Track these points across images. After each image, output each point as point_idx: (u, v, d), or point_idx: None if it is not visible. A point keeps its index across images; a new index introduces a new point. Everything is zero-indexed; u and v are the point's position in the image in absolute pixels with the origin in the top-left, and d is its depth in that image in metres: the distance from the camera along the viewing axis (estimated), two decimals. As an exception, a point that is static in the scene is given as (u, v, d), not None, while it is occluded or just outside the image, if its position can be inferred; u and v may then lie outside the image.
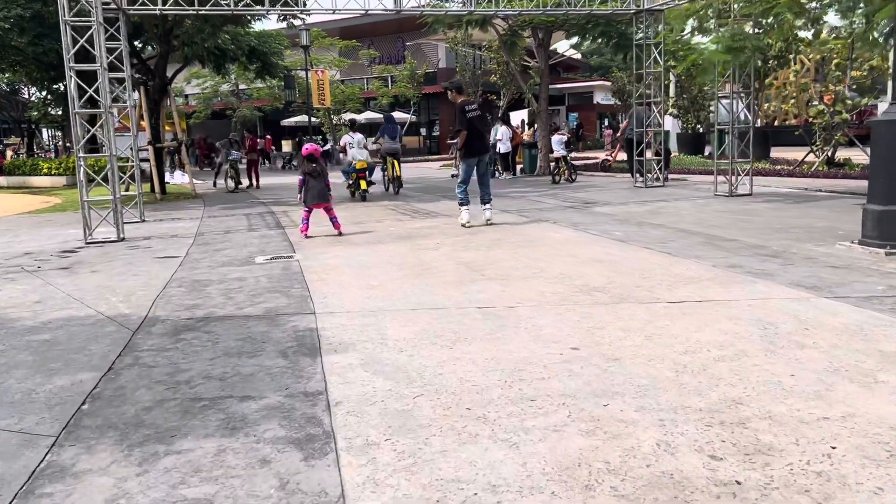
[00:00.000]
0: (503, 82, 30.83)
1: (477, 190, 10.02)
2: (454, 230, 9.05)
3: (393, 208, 12.31)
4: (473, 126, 9.39)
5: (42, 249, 8.82)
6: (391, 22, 44.30)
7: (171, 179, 23.10)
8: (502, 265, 6.45)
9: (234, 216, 12.13)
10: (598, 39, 20.04)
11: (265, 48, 26.15)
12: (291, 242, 8.57)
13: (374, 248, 7.88)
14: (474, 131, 9.44)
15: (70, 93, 8.87)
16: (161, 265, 7.33)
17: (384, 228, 9.54)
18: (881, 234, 6.31)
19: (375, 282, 5.95)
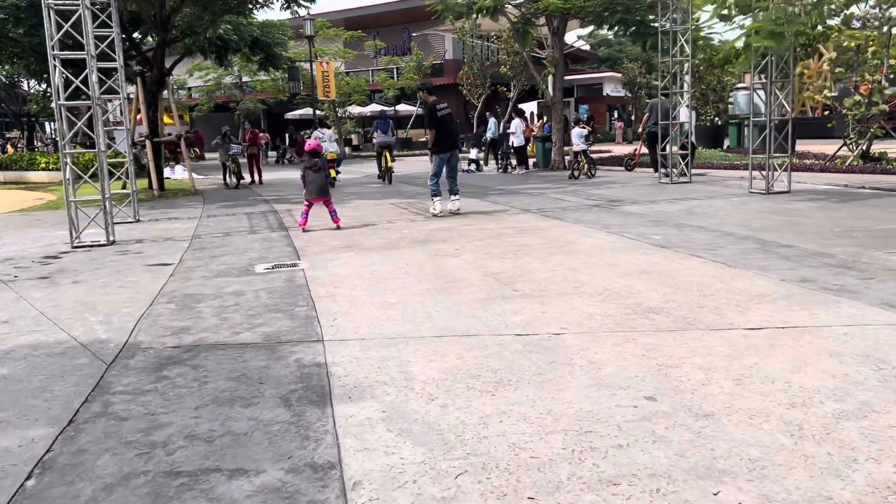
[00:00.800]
0: (513, 73, 29.98)
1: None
2: (474, 233, 8.27)
3: (405, 207, 11.53)
4: (444, 124, 10.00)
5: (24, 254, 8.07)
6: (397, 12, 43.56)
7: (171, 175, 22.38)
8: (535, 277, 5.67)
9: (235, 216, 11.37)
10: (615, 27, 19.18)
11: (268, 39, 25.40)
12: (296, 248, 7.80)
13: (387, 254, 7.11)
14: (445, 129, 10.05)
15: (54, 83, 8.11)
16: (151, 275, 6.57)
17: (397, 230, 8.77)
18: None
19: (393, 298, 5.18)
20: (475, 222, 9.18)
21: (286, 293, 5.51)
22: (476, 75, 35.01)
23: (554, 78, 19.50)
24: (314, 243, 8.05)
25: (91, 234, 8.75)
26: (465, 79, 35.26)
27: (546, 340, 3.98)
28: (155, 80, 15.53)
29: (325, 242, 8.05)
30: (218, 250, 7.86)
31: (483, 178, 17.72)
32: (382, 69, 41.96)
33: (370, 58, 44.13)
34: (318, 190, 9.29)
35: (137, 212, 11.23)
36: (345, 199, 13.32)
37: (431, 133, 10.11)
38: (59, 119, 8.14)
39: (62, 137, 8.26)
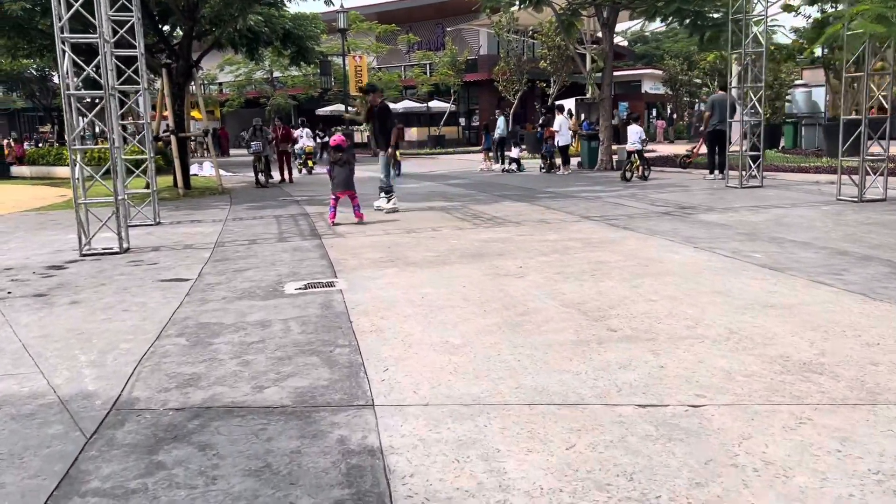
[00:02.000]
0: (553, 69, 28.74)
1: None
2: (534, 245, 7.18)
3: (449, 211, 10.45)
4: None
5: (26, 263, 7.16)
6: (430, 6, 42.48)
7: (199, 172, 21.61)
8: (630, 309, 4.56)
9: (263, 219, 10.40)
10: (669, 18, 17.92)
11: (301, 32, 24.48)
12: (331, 261, 6.77)
13: (438, 271, 6.04)
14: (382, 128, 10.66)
15: (61, 71, 7.18)
16: (163, 294, 5.58)
17: (444, 240, 7.70)
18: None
19: (455, 336, 4.10)
20: (532, 232, 8.08)
21: (322, 325, 4.47)
22: (513, 71, 33.81)
23: (603, 72, 18.25)
24: (352, 255, 7.02)
25: (104, 239, 7.83)
26: (501, 75, 34.09)
27: (684, 418, 2.87)
28: (181, 72, 14.65)
29: (364, 255, 7.01)
30: (243, 262, 6.86)
31: (526, 179, 16.59)
32: (415, 64, 40.96)
33: (402, 53, 43.17)
34: (344, 183, 9.52)
35: (158, 213, 10.32)
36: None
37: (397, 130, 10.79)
38: (66, 111, 7.21)
39: (70, 131, 7.32)
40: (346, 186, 9.54)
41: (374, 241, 7.82)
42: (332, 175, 9.55)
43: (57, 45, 7.16)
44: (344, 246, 7.60)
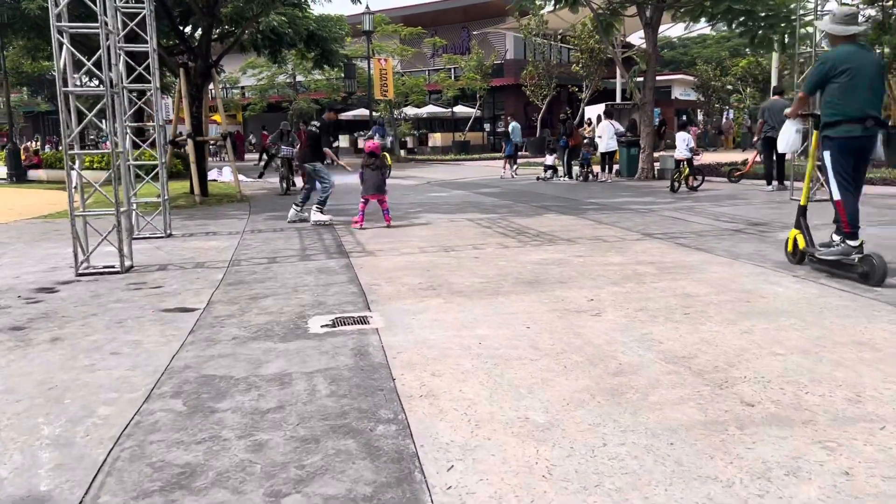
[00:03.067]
0: (586, 72, 27.66)
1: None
2: (597, 269, 6.14)
3: (488, 225, 9.43)
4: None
5: (14, 284, 6.25)
6: (455, 10, 41.59)
7: (218, 177, 20.82)
8: (757, 368, 3.50)
9: (284, 232, 9.45)
10: (715, 18, 16.80)
11: (325, 33, 23.67)
12: (362, 286, 5.77)
13: (491, 304, 5.02)
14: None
15: (58, 65, 6.27)
16: (163, 330, 4.62)
17: (490, 261, 6.68)
18: None
19: (537, 410, 3.08)
20: (591, 252, 7.04)
21: (358, 385, 3.46)
22: (541, 75, 32.79)
23: (645, 75, 17.16)
24: (385, 279, 6.02)
25: (107, 254, 6.92)
26: (529, 79, 33.10)
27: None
28: (200, 72, 13.80)
29: (399, 279, 6.01)
30: (260, 286, 5.89)
31: (562, 188, 15.52)
32: (441, 69, 40.07)
33: (427, 57, 42.31)
34: (375, 187, 9.60)
35: (169, 224, 9.41)
36: (410, 212, 11.33)
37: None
38: (62, 110, 6.30)
39: (67, 133, 6.41)
40: (376, 190, 9.63)
41: (410, 262, 6.82)
42: (364, 178, 9.65)
43: (52, 35, 6.26)
44: (375, 267, 6.61)
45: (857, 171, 5.63)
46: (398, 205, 12.55)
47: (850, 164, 5.55)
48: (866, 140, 5.51)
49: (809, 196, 6.23)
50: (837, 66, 5.45)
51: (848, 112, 5.44)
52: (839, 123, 5.49)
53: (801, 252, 6.07)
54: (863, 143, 5.52)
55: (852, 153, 5.54)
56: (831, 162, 5.56)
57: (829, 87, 5.53)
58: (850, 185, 5.57)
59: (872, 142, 5.55)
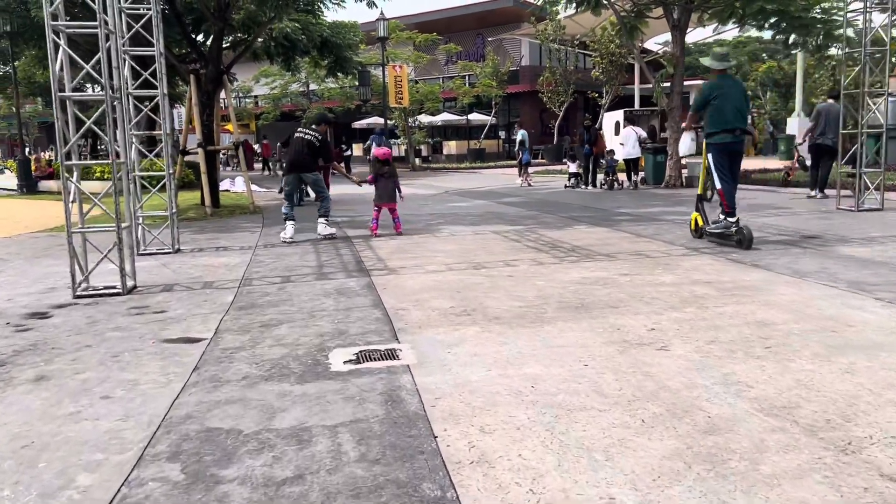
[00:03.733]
0: (606, 78, 26.99)
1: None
2: (648, 290, 5.50)
3: (516, 238, 8.80)
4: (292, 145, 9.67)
5: (5, 308, 5.70)
6: (469, 17, 41.08)
7: (231, 187, 20.34)
8: (879, 423, 2.86)
9: (299, 246, 8.87)
10: (746, 19, 16.13)
11: (339, 40, 23.18)
12: (387, 311, 5.16)
13: (537, 333, 4.40)
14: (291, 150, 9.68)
15: (53, 68, 5.72)
16: (163, 367, 4.03)
17: (527, 280, 6.05)
18: None
19: (623, 487, 2.45)
20: (637, 269, 6.40)
21: (393, 446, 2.85)
22: (558, 82, 32.16)
23: (672, 80, 16.51)
24: (412, 302, 5.41)
25: (108, 273, 6.37)
26: (546, 85, 32.47)
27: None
28: (211, 78, 13.29)
29: (428, 302, 5.39)
30: (273, 311, 5.29)
31: (587, 197, 14.87)
32: (455, 76, 39.55)
33: (441, 64, 41.81)
34: (388, 196, 9.55)
35: (178, 238, 8.85)
36: (431, 224, 10.72)
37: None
38: (58, 118, 5.75)
39: (63, 142, 5.86)
40: (389, 199, 9.57)
41: (437, 282, 6.21)
42: (378, 186, 9.52)
43: (48, 35, 5.71)
44: (400, 288, 6.00)
45: (733, 168, 7.68)
46: (417, 216, 11.96)
47: (726, 163, 7.59)
48: (736, 144, 7.54)
49: (706, 187, 8.06)
50: (713, 92, 7.46)
51: (722, 125, 7.41)
52: (716, 133, 7.48)
53: (700, 229, 8.14)
54: (734, 147, 7.57)
55: (727, 154, 7.58)
56: (713, 161, 7.62)
57: (709, 107, 7.51)
58: (728, 177, 7.61)
59: (741, 146, 7.66)
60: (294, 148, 9.44)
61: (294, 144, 9.46)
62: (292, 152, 9.47)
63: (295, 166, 9.41)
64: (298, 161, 9.34)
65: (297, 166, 9.39)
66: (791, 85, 40.11)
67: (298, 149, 9.35)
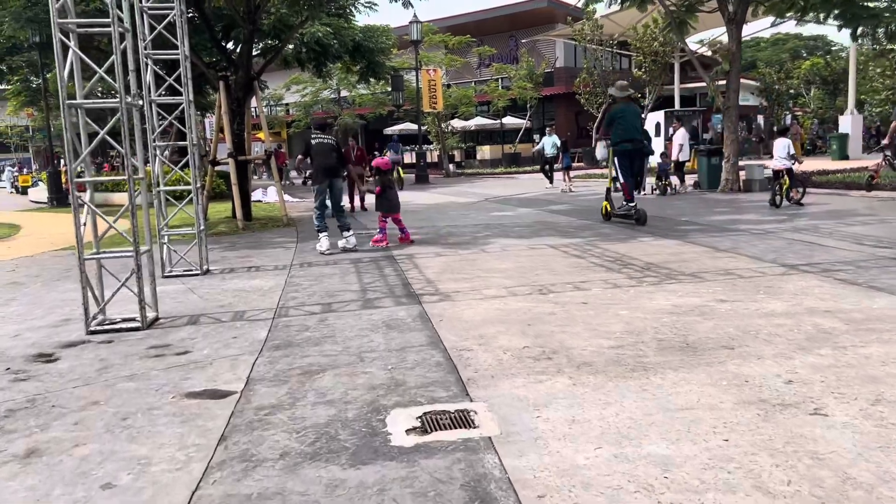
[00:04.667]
0: (649, 77, 25.84)
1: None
2: (758, 321, 4.59)
3: (578, 253, 7.90)
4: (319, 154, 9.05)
5: (9, 347, 4.98)
6: (501, 19, 40.20)
7: (263, 198, 19.74)
8: None
9: (338, 265, 8.08)
10: (809, 12, 15.03)
11: (371, 44, 22.49)
12: (449, 352, 4.32)
13: (644, 387, 3.51)
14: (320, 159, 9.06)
15: (60, 73, 5.01)
16: (181, 437, 3.23)
17: (606, 310, 5.16)
18: None
19: None
20: (732, 293, 5.46)
21: (496, 588, 1.99)
22: (596, 83, 31.10)
23: (728, 77, 15.43)
24: (475, 338, 4.56)
25: (128, 300, 5.64)
26: (584, 87, 31.41)
27: None
28: (241, 85, 12.62)
29: (496, 339, 4.54)
30: (315, 352, 4.48)
31: (643, 204, 13.85)
32: (488, 79, 38.70)
33: (474, 68, 40.98)
34: (397, 206, 9.52)
35: (207, 258, 8.12)
36: (478, 237, 9.86)
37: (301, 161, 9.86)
38: (66, 129, 5.03)
39: (72, 155, 5.13)
40: (395, 209, 9.49)
41: (501, 311, 5.34)
42: (383, 197, 9.35)
43: (54, 34, 5.00)
44: (458, 319, 5.15)
45: (633, 167, 10.30)
46: (461, 227, 11.12)
47: (627, 163, 10.24)
48: (633, 150, 10.21)
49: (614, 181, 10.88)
50: (618, 114, 10.26)
51: (623, 136, 10.19)
52: (620, 143, 10.23)
53: (609, 214, 10.76)
54: (631, 152, 10.23)
55: (627, 157, 10.26)
56: (618, 162, 10.31)
57: (614, 125, 10.26)
58: (628, 174, 10.25)
59: (638, 151, 10.27)
60: (321, 154, 8.95)
61: (320, 150, 8.96)
62: (321, 159, 8.94)
63: (329, 172, 8.97)
64: (330, 166, 8.97)
65: (330, 172, 8.99)
66: (840, 81, 38.51)
67: (327, 153, 8.95)
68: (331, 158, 8.97)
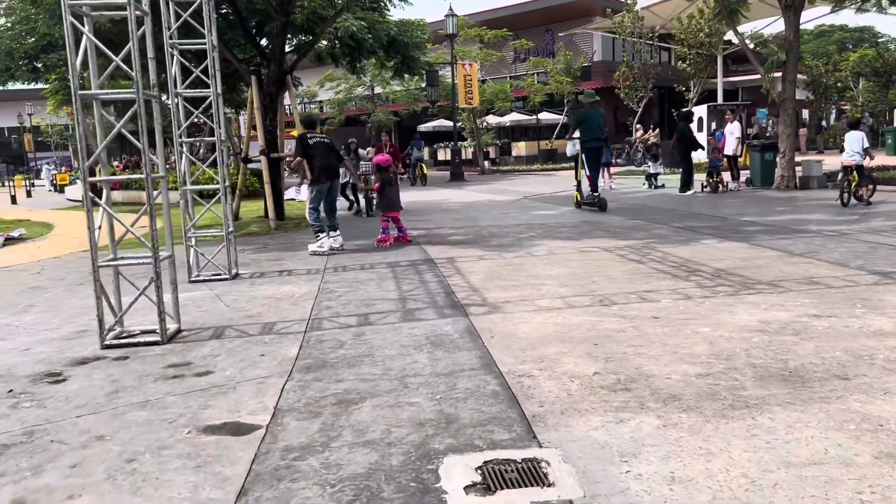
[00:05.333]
0: (694, 70, 24.81)
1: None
2: (866, 339, 3.92)
3: (636, 257, 7.23)
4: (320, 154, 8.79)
5: (16, 363, 4.52)
6: (536, 12, 39.37)
7: (297, 196, 19.33)
8: None
9: (374, 269, 7.53)
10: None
11: (406, 38, 21.94)
12: (506, 378, 3.72)
13: (752, 430, 2.88)
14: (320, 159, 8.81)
15: (71, 60, 4.52)
16: (194, 488, 2.70)
17: (683, 325, 4.51)
18: None
19: None
20: (824, 307, 4.77)
21: None
22: (636, 76, 30.16)
23: (784, 67, 14.54)
24: (535, 361, 3.96)
25: (148, 309, 5.14)
26: (623, 80, 30.49)
27: None
28: (273, 79, 12.16)
29: (559, 361, 3.93)
30: (350, 375, 3.92)
31: (696, 202, 13.09)
32: (525, 73, 37.93)
33: (509, 63, 40.25)
34: (393, 204, 9.31)
35: (236, 261, 7.65)
36: (522, 238, 9.24)
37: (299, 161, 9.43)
38: (78, 123, 4.54)
39: (84, 154, 4.65)
40: (397, 208, 9.35)
41: (559, 326, 4.73)
42: (387, 195, 9.23)
43: (65, 19, 4.51)
44: (512, 336, 4.55)
45: (598, 163, 12.16)
46: (503, 227, 10.51)
47: (593, 158, 11.92)
48: (599, 148, 11.94)
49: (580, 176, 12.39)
50: (584, 118, 12.00)
51: (589, 136, 11.79)
52: (587, 141, 11.81)
53: (579, 202, 12.45)
54: (596, 149, 11.88)
55: (593, 153, 11.85)
56: (585, 158, 11.89)
57: (581, 126, 11.95)
58: (594, 168, 12.02)
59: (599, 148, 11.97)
60: (322, 154, 8.73)
61: (319, 150, 8.73)
62: (322, 159, 8.70)
63: (331, 173, 8.88)
64: (332, 167, 8.89)
65: (332, 173, 8.92)
66: (893, 73, 36.93)
67: (327, 153, 8.78)
68: (331, 158, 8.82)
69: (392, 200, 9.19)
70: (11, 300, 6.81)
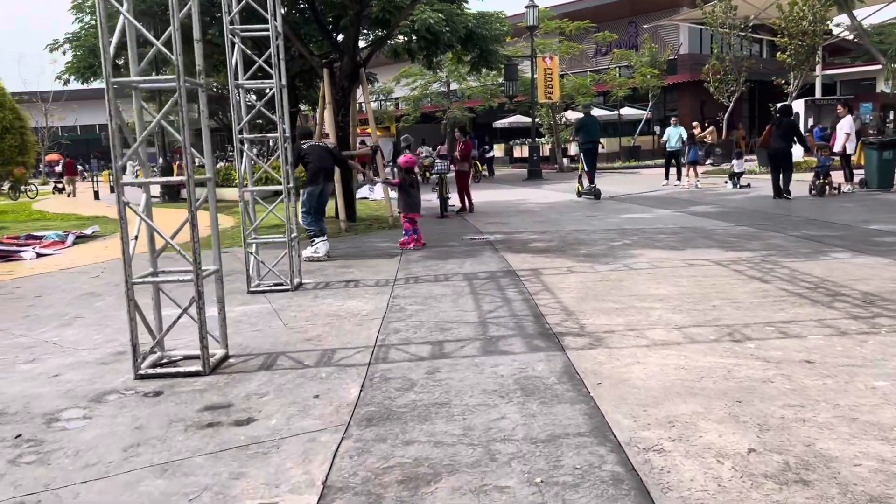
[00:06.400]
0: (795, 60, 22.85)
1: None
2: None
3: (757, 273, 6.11)
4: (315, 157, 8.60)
5: (38, 394, 3.90)
6: (620, 3, 37.69)
7: (370, 195, 18.77)
8: None
9: (449, 281, 6.69)
10: None
11: (484, 31, 21.03)
12: (623, 448, 2.80)
13: None
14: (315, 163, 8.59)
15: (103, 41, 3.85)
16: None
17: (848, 374, 3.48)
18: None
19: None
20: None
21: None
22: (728, 69, 28.30)
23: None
24: (663, 425, 3.03)
25: (193, 328, 4.45)
26: (713, 73, 28.66)
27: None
28: (346, 73, 11.49)
29: (695, 428, 2.99)
30: (422, 435, 3.09)
31: (803, 207, 11.69)
32: (607, 67, 36.40)
33: (589, 56, 38.75)
34: (414, 206, 9.29)
35: (299, 270, 6.96)
36: (615, 246, 8.22)
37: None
38: (111, 115, 3.87)
39: (117, 154, 3.98)
40: (417, 209, 9.38)
41: (684, 369, 3.75)
42: (404, 195, 9.29)
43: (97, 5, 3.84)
44: (624, 382, 3.61)
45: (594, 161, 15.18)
46: (590, 233, 9.50)
47: (591, 158, 15.09)
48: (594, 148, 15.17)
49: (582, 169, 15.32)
50: (585, 122, 15.35)
51: (587, 138, 15.04)
52: (586, 143, 15.05)
53: (581, 193, 15.32)
54: (593, 150, 15.15)
55: (590, 153, 15.08)
56: (584, 157, 15.19)
57: (580, 130, 15.25)
58: (591, 165, 15.06)
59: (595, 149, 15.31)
60: (318, 156, 8.58)
61: (314, 153, 8.60)
62: (317, 161, 8.55)
63: (327, 174, 8.76)
64: (328, 168, 8.75)
65: (328, 174, 8.80)
66: None
67: (323, 155, 8.66)
68: (328, 160, 8.70)
69: (414, 201, 9.24)
70: (60, 309, 6.32)
